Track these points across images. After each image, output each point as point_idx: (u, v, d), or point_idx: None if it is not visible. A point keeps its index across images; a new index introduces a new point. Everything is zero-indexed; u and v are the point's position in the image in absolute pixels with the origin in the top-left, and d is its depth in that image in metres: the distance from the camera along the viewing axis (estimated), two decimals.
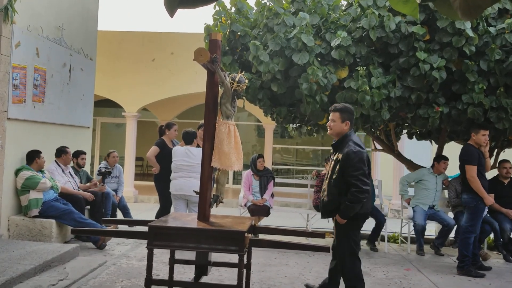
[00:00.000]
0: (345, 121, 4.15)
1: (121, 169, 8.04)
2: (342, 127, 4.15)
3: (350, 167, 3.97)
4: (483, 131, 5.70)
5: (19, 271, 4.45)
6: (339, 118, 4.15)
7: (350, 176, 3.97)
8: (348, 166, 3.98)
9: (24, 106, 6.23)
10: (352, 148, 4.01)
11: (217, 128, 3.74)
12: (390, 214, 10.59)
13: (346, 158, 3.99)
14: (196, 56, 3.49)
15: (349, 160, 3.97)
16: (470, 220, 5.74)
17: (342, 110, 4.17)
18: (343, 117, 4.15)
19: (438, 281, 5.46)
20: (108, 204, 7.20)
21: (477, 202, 5.66)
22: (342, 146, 4.10)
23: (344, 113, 4.16)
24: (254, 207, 7.17)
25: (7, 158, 5.93)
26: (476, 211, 5.72)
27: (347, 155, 3.99)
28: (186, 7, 1.70)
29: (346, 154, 4.00)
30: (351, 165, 3.96)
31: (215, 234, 3.41)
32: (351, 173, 3.96)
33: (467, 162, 5.67)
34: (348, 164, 3.97)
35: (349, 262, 4.15)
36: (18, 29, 6.03)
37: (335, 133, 4.20)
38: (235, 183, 15.77)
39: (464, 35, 5.74)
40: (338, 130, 4.17)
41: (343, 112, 4.16)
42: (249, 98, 6.90)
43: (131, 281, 4.84)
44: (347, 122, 4.15)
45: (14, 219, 6.03)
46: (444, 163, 7.13)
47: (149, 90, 12.52)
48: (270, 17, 6.45)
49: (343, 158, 4.01)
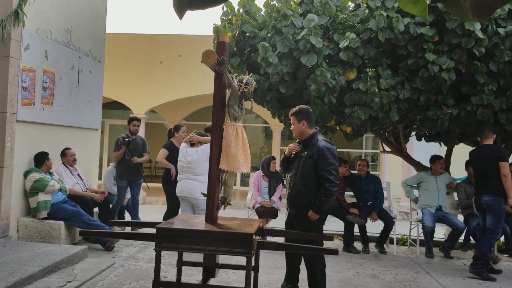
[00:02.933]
0: (301, 121, 4.40)
1: None
2: (300, 127, 4.41)
3: (323, 162, 4.20)
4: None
5: (28, 273, 4.47)
6: (295, 120, 4.44)
7: (324, 170, 4.19)
8: (321, 161, 4.20)
9: (33, 109, 6.26)
10: (325, 144, 4.27)
11: (225, 130, 3.73)
12: (399, 217, 10.53)
13: (320, 153, 4.22)
14: (203, 58, 3.49)
15: (323, 155, 4.21)
16: (496, 222, 5.79)
17: (296, 113, 4.45)
18: (298, 118, 4.41)
19: (448, 284, 5.41)
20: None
21: (500, 204, 5.72)
22: (312, 143, 4.31)
23: (298, 114, 4.43)
24: (262, 209, 7.16)
25: (16, 160, 5.96)
26: (500, 212, 5.78)
27: (321, 151, 4.22)
28: (195, 8, 1.69)
29: (319, 150, 4.23)
30: (325, 160, 4.20)
31: (223, 236, 3.40)
32: (325, 167, 4.19)
33: (502, 159, 5.75)
34: (322, 159, 4.20)
35: (320, 260, 4.36)
36: (27, 32, 6.07)
37: (298, 134, 4.47)
38: (242, 185, 15.77)
39: (474, 37, 5.69)
40: (298, 131, 4.43)
41: (297, 114, 4.43)
42: (257, 100, 6.89)
43: (139, 283, 4.84)
44: (303, 122, 4.39)
45: (23, 221, 6.06)
46: (439, 163, 7.09)
47: (157, 92, 12.57)
48: (279, 19, 6.44)
49: (317, 153, 4.22)
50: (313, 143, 4.30)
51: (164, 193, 7.13)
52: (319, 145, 4.24)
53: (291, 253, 4.59)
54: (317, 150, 4.23)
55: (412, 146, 10.21)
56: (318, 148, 4.23)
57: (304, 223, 4.35)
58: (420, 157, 8.38)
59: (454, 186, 7.28)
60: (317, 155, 4.22)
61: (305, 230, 4.30)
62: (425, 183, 7.08)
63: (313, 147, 4.27)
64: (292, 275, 4.64)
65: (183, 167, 6.20)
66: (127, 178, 7.39)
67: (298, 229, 4.38)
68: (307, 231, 4.29)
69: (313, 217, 4.28)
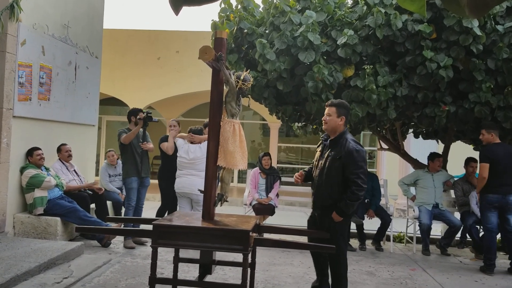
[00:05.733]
0: (340, 116, 4.16)
1: None
2: (337, 122, 4.17)
3: (352, 165, 4.01)
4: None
5: (24, 269, 4.46)
6: (335, 112, 4.17)
7: (352, 173, 4.00)
8: (350, 164, 4.01)
9: (30, 104, 6.24)
10: (355, 146, 4.06)
11: (222, 126, 3.72)
12: (396, 214, 10.55)
13: (349, 155, 4.02)
14: (201, 54, 3.47)
15: (352, 157, 4.01)
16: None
17: (339, 105, 4.20)
18: (339, 112, 4.17)
19: (444, 281, 5.42)
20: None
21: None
22: (341, 143, 4.11)
23: (340, 108, 4.19)
24: (259, 206, 7.16)
25: (13, 156, 5.94)
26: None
27: (350, 153, 4.02)
28: (191, 5, 1.68)
29: (348, 152, 4.02)
30: (354, 162, 4.01)
31: (219, 233, 3.40)
32: (353, 170, 4.00)
33: None
34: (351, 162, 4.01)
35: (343, 259, 4.20)
36: (24, 27, 6.04)
37: (330, 128, 4.21)
38: (240, 182, 15.77)
39: (472, 34, 5.69)
40: (333, 124, 4.18)
41: (339, 107, 4.19)
42: (255, 97, 6.87)
43: (136, 279, 4.84)
44: (342, 117, 4.17)
45: (19, 217, 6.05)
46: (438, 161, 7.10)
47: (155, 88, 12.54)
48: (276, 15, 6.42)
49: (346, 155, 4.02)
50: (342, 143, 4.09)
51: (159, 189, 7.05)
52: (348, 147, 4.04)
53: (316, 256, 4.42)
54: (345, 152, 4.03)
55: (410, 143, 10.22)
56: (347, 149, 4.03)
57: (327, 225, 4.16)
58: (417, 155, 8.39)
59: (451, 185, 7.29)
60: (346, 156, 4.02)
61: (328, 232, 4.13)
62: (422, 180, 7.09)
63: (342, 147, 4.06)
64: (321, 275, 4.47)
65: (184, 163, 6.17)
66: (137, 175, 6.38)
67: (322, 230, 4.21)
68: (331, 233, 4.11)
69: (336, 219, 4.10)
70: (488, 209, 5.93)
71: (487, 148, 5.97)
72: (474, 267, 6.21)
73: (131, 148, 6.35)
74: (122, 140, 6.29)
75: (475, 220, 6.76)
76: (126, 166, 6.42)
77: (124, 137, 6.28)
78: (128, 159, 6.37)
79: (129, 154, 6.37)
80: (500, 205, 5.89)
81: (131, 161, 6.35)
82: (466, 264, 6.42)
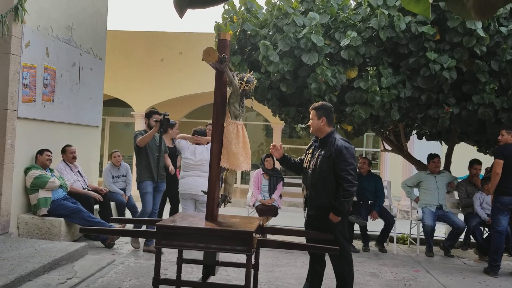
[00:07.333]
0: (321, 118, 4.28)
1: (128, 168, 8.00)
2: (319, 123, 4.29)
3: (342, 162, 4.08)
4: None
5: (28, 269, 4.47)
6: (315, 115, 4.31)
7: (342, 170, 4.08)
8: (340, 161, 4.09)
9: (34, 105, 6.26)
10: (343, 143, 4.16)
11: (226, 128, 3.73)
12: (399, 215, 10.52)
13: (338, 152, 4.10)
14: (204, 56, 3.48)
15: (342, 154, 4.09)
16: None
17: (318, 108, 4.33)
18: (319, 114, 4.29)
19: (448, 283, 5.41)
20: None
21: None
22: (330, 142, 4.20)
23: (319, 110, 4.31)
24: (262, 207, 7.16)
25: (17, 157, 5.96)
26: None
27: (339, 150, 4.10)
28: (195, 7, 1.69)
29: (338, 149, 4.11)
30: (343, 159, 4.09)
31: (223, 234, 3.40)
32: (343, 167, 4.08)
33: None
34: (341, 159, 4.09)
35: (347, 261, 4.21)
36: (28, 29, 6.06)
37: (315, 130, 4.35)
38: (243, 183, 15.77)
39: (475, 35, 5.69)
40: (316, 126, 4.31)
41: (318, 109, 4.32)
42: (258, 98, 6.88)
43: (139, 280, 4.85)
44: (323, 118, 4.28)
45: (24, 218, 6.07)
46: (433, 162, 7.09)
47: (158, 89, 12.56)
48: (280, 17, 6.43)
49: (335, 152, 4.11)
50: (331, 142, 4.17)
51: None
52: (337, 144, 4.12)
53: (313, 257, 4.41)
54: (335, 149, 4.10)
55: (413, 145, 10.22)
56: (336, 147, 4.10)
57: (325, 225, 4.17)
58: (420, 156, 8.37)
59: (454, 186, 7.28)
60: (335, 154, 4.09)
61: (327, 232, 4.14)
62: (425, 182, 7.08)
63: (331, 146, 4.14)
64: (316, 278, 4.43)
65: (190, 164, 6.11)
66: (151, 179, 6.10)
67: (318, 231, 4.21)
68: (331, 233, 4.12)
69: (334, 220, 4.12)
70: (500, 211, 5.89)
71: (503, 146, 5.91)
72: (478, 268, 6.19)
73: (146, 151, 6.11)
74: (138, 142, 6.04)
75: (479, 222, 6.74)
76: (139, 169, 6.16)
77: (139, 139, 6.02)
78: (142, 162, 6.13)
79: (143, 157, 6.13)
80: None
81: (146, 164, 6.10)
82: (470, 266, 6.40)
